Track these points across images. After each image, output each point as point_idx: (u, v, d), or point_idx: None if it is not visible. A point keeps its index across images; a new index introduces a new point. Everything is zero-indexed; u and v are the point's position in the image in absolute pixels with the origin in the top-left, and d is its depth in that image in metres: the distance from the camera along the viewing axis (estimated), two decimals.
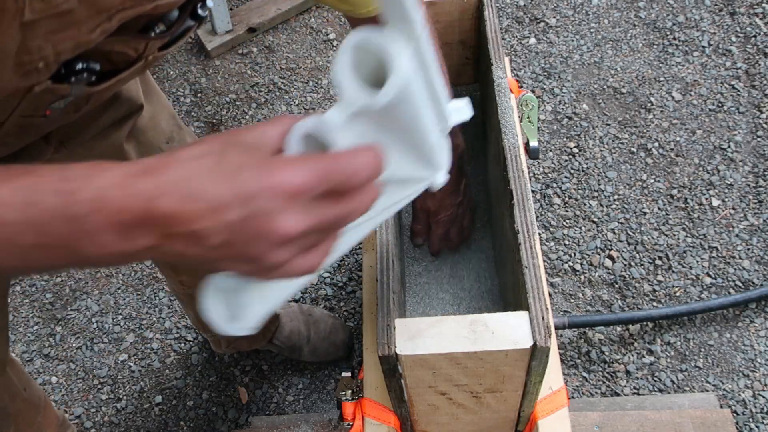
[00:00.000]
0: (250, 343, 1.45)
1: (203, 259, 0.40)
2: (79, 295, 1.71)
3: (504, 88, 0.91)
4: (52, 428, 1.14)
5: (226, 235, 0.38)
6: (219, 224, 0.38)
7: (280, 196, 0.38)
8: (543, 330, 0.71)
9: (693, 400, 1.39)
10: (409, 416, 0.87)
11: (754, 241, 1.62)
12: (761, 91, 1.84)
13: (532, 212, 0.79)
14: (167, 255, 0.40)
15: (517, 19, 2.07)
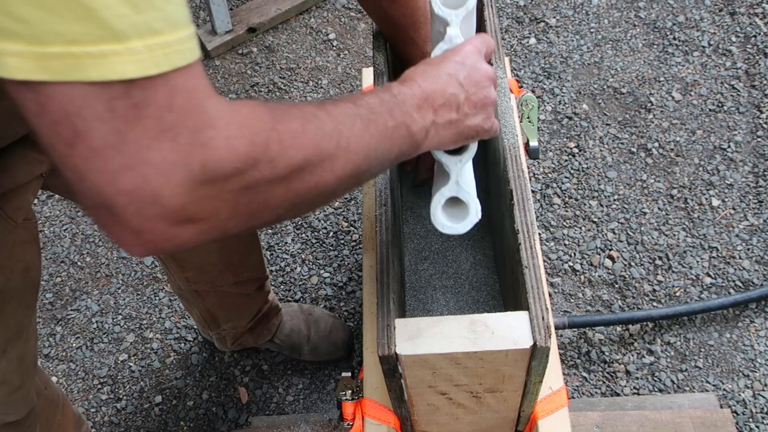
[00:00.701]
0: (255, 339, 1.45)
1: (459, 119, 0.65)
2: (79, 295, 1.71)
3: (504, 88, 0.91)
4: (70, 425, 1.14)
5: (464, 90, 0.65)
6: (457, 85, 0.65)
7: (476, 54, 0.68)
8: (543, 330, 0.71)
9: (693, 400, 1.39)
10: (409, 416, 0.87)
11: (754, 241, 1.62)
12: (761, 91, 1.84)
13: (532, 212, 0.79)
14: (442, 125, 0.64)
15: (517, 19, 2.07)
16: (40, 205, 1.85)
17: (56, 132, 0.37)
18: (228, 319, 1.37)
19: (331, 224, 1.76)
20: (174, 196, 0.40)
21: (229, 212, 0.44)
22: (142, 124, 0.38)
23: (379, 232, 0.82)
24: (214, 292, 1.27)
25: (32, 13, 0.34)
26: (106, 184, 0.38)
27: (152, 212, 0.40)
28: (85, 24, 0.35)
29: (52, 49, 0.35)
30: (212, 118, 0.41)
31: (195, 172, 0.40)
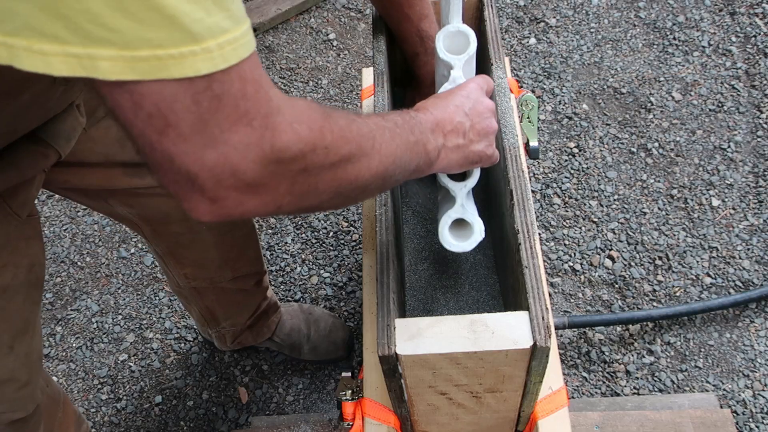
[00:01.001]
0: (255, 337, 1.46)
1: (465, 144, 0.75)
2: (79, 295, 1.71)
3: (504, 88, 0.91)
4: (71, 423, 1.15)
5: (469, 119, 0.75)
6: (463, 114, 0.75)
7: (479, 90, 0.78)
8: (543, 330, 0.71)
9: (693, 400, 1.39)
10: (409, 416, 0.87)
11: (754, 241, 1.62)
12: (761, 91, 1.84)
13: (532, 212, 0.79)
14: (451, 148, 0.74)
15: (517, 19, 2.07)
16: (40, 205, 1.85)
17: (150, 123, 0.43)
18: (227, 316, 1.37)
19: (331, 224, 1.76)
20: (248, 171, 0.48)
21: (287, 189, 0.52)
22: (222, 111, 0.45)
23: (379, 232, 0.82)
24: (212, 289, 1.27)
25: (123, 23, 0.39)
26: (192, 162, 0.45)
27: (228, 183, 0.47)
28: (168, 30, 0.40)
29: (140, 53, 0.40)
30: (277, 105, 0.49)
31: (266, 151, 0.48)
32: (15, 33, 0.40)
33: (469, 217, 0.82)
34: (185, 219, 1.08)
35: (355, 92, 1.99)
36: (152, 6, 0.39)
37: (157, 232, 1.12)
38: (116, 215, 1.09)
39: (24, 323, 0.90)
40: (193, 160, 0.45)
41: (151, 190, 1.01)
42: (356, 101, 1.97)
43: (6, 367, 0.90)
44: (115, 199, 1.03)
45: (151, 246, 1.18)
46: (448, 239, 0.82)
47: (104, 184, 0.99)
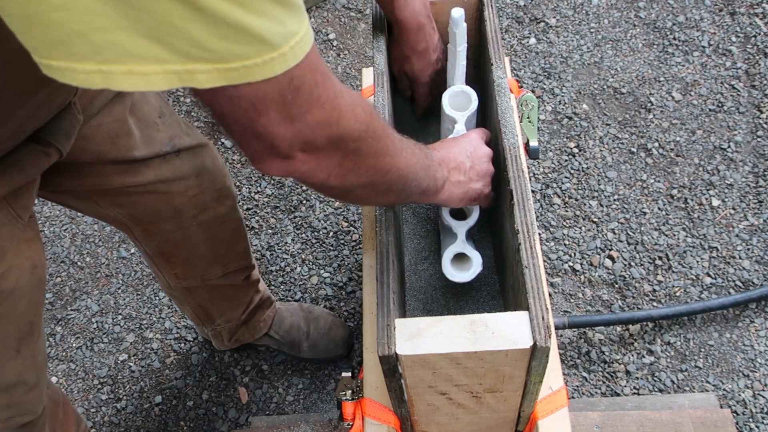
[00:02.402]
0: (252, 333, 1.46)
1: (465, 182, 0.86)
2: (79, 295, 1.71)
3: (504, 88, 0.91)
4: (72, 423, 1.15)
5: (470, 161, 0.87)
6: (466, 156, 0.87)
7: (480, 139, 0.91)
8: (543, 330, 0.71)
9: (693, 400, 1.39)
10: (409, 416, 0.87)
11: (754, 241, 1.62)
12: (761, 91, 1.84)
13: (532, 212, 0.79)
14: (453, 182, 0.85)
15: (517, 19, 2.07)
16: (40, 205, 1.85)
17: (245, 114, 0.53)
18: (221, 313, 1.37)
19: (331, 224, 1.76)
20: (316, 141, 0.59)
21: (338, 161, 0.63)
22: (301, 98, 0.55)
23: (379, 232, 0.82)
24: (203, 287, 1.27)
25: (219, 44, 0.47)
26: (277, 137, 0.57)
27: (300, 148, 0.59)
28: (254, 45, 0.48)
29: (231, 65, 0.48)
30: (340, 90, 0.59)
31: (333, 128, 0.60)
32: (113, 60, 0.46)
33: (469, 252, 0.93)
34: (175, 216, 1.09)
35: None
36: (241, 29, 0.47)
37: (147, 231, 1.12)
38: (106, 217, 1.09)
39: (29, 325, 0.90)
40: (277, 136, 0.56)
41: (142, 188, 1.01)
42: None
43: (14, 370, 0.90)
44: (105, 200, 1.03)
45: (141, 247, 1.18)
46: (450, 271, 0.93)
47: (96, 184, 0.99)
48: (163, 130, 1.01)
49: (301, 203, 1.80)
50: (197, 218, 1.11)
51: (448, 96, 0.97)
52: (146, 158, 1.00)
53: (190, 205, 1.09)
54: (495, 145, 0.93)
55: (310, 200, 1.80)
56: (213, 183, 1.11)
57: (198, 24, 0.46)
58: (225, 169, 1.16)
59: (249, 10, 0.48)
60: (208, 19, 0.46)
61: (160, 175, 1.02)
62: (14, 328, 0.87)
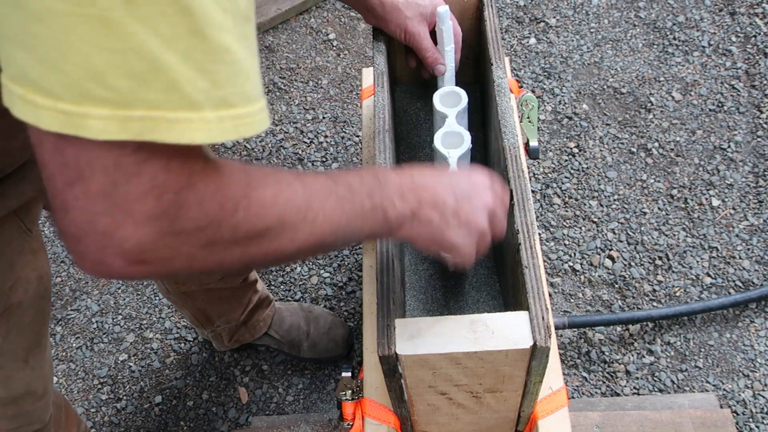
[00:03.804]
0: (251, 333, 1.46)
1: (440, 224, 0.66)
2: (79, 295, 1.71)
3: (504, 88, 0.91)
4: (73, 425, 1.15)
5: (456, 203, 0.66)
6: (450, 194, 0.66)
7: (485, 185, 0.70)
8: (543, 330, 0.71)
9: (693, 400, 1.39)
10: (409, 416, 0.87)
11: (754, 241, 1.62)
12: (761, 91, 1.84)
13: (532, 212, 0.79)
14: (421, 220, 0.64)
15: (517, 19, 2.07)
16: None
17: (61, 170, 0.42)
18: (220, 314, 1.37)
19: None
20: (138, 244, 0.44)
21: (184, 263, 0.48)
22: (138, 179, 0.42)
23: None
24: (202, 291, 1.27)
25: (124, 83, 0.39)
26: (84, 222, 0.43)
27: (113, 252, 0.44)
28: (168, 93, 0.40)
29: (135, 113, 0.39)
30: (194, 180, 0.45)
31: (164, 227, 0.45)
32: (14, 79, 0.40)
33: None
34: None
35: (355, 92, 1.99)
36: (158, 67, 0.39)
37: None
38: None
39: (37, 336, 0.90)
40: (86, 220, 0.43)
41: None
42: (356, 101, 1.97)
43: (22, 381, 0.90)
44: None
45: None
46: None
47: None
48: None
49: None
50: None
51: (438, 96, 0.96)
52: None
53: None
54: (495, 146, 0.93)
55: None
56: None
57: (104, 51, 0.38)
58: None
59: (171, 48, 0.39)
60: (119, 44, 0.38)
61: None
62: (22, 339, 0.88)
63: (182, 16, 0.39)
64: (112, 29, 0.38)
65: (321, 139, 1.90)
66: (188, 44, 0.40)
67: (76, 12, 0.37)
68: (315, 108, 1.97)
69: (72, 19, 0.37)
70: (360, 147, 1.85)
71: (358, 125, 1.92)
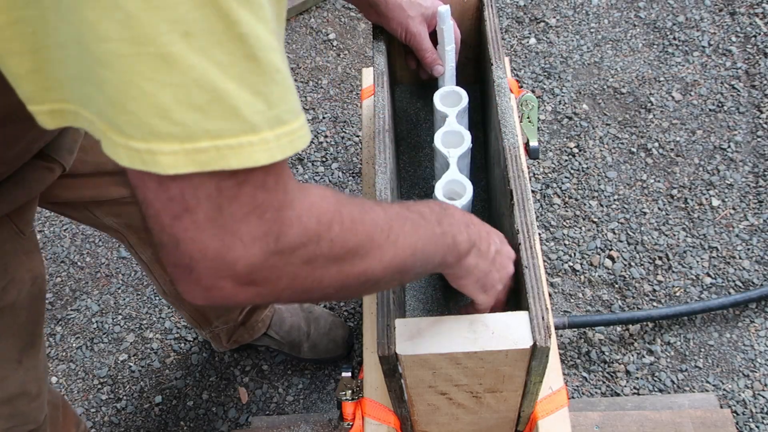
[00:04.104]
0: (250, 333, 1.46)
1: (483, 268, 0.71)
2: (79, 295, 1.71)
3: (504, 88, 0.91)
4: (71, 425, 1.15)
5: (498, 245, 0.73)
6: (492, 247, 0.72)
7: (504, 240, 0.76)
8: (543, 330, 0.71)
9: (693, 400, 1.39)
10: (409, 416, 0.87)
11: (754, 241, 1.62)
12: (761, 91, 1.84)
13: (532, 212, 0.79)
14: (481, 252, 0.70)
15: (517, 19, 2.07)
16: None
17: (167, 206, 0.43)
18: (217, 314, 1.37)
19: None
20: (248, 264, 0.46)
21: (288, 283, 0.49)
22: (239, 200, 0.44)
23: None
24: None
25: (189, 116, 0.40)
26: (196, 250, 0.44)
27: (226, 274, 0.45)
28: (230, 120, 0.41)
29: (200, 145, 0.41)
30: (291, 198, 0.47)
31: (270, 246, 0.46)
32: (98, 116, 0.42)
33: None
34: None
35: (355, 92, 1.99)
36: (219, 96, 0.40)
37: (143, 239, 1.11)
38: (102, 226, 1.09)
39: (30, 336, 0.90)
40: (198, 248, 0.44)
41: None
42: (356, 101, 1.97)
43: (16, 381, 0.90)
44: (101, 210, 1.03)
45: (136, 255, 1.17)
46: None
47: (95, 196, 0.99)
48: None
49: None
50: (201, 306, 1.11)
51: (439, 96, 0.97)
52: None
53: None
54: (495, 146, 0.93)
55: None
56: None
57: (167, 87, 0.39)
58: None
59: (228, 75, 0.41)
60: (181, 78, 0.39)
61: None
62: (16, 340, 0.88)
63: (237, 43, 0.40)
64: (173, 64, 0.39)
65: (321, 139, 1.90)
66: (244, 69, 0.41)
67: (135, 52, 0.38)
68: (315, 108, 1.97)
69: (133, 60, 0.38)
70: (360, 147, 1.85)
71: (358, 125, 1.92)
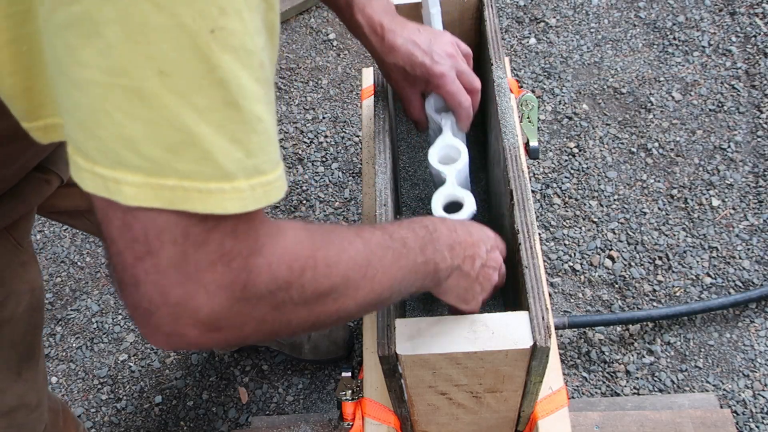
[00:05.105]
0: None
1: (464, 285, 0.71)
2: (79, 295, 1.71)
3: (504, 88, 0.91)
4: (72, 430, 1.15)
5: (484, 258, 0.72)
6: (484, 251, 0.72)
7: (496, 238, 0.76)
8: (543, 330, 0.71)
9: (693, 400, 1.39)
10: (409, 416, 0.87)
11: (754, 241, 1.62)
12: (761, 91, 1.84)
13: (532, 212, 0.79)
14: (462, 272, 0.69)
15: (517, 19, 2.07)
16: None
17: (130, 246, 0.42)
18: None
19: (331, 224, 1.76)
20: (212, 312, 0.44)
21: (254, 327, 0.48)
22: (205, 248, 0.42)
23: None
24: None
25: (157, 153, 0.39)
26: (157, 295, 0.43)
27: (188, 322, 0.44)
28: (201, 164, 0.40)
29: (167, 182, 0.40)
30: (261, 244, 0.46)
31: (236, 294, 0.45)
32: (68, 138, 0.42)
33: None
34: None
35: (355, 92, 1.99)
36: (192, 139, 0.40)
37: None
38: (97, 232, 1.09)
39: (28, 348, 0.90)
40: (159, 292, 0.43)
41: None
42: (356, 101, 1.97)
43: (15, 394, 0.90)
44: None
45: None
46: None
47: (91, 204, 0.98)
48: None
49: (300, 203, 1.80)
50: None
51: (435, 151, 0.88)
52: None
53: None
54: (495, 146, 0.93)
55: (310, 200, 1.80)
56: None
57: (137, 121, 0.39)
58: None
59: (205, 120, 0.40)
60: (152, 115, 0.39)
61: None
62: (14, 353, 0.88)
63: (217, 89, 0.40)
64: (146, 100, 0.38)
65: (321, 139, 1.90)
66: (223, 116, 0.40)
67: (110, 82, 0.38)
68: (315, 108, 1.97)
69: (106, 89, 0.38)
70: (360, 147, 1.85)
71: (358, 125, 1.92)
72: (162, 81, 0.38)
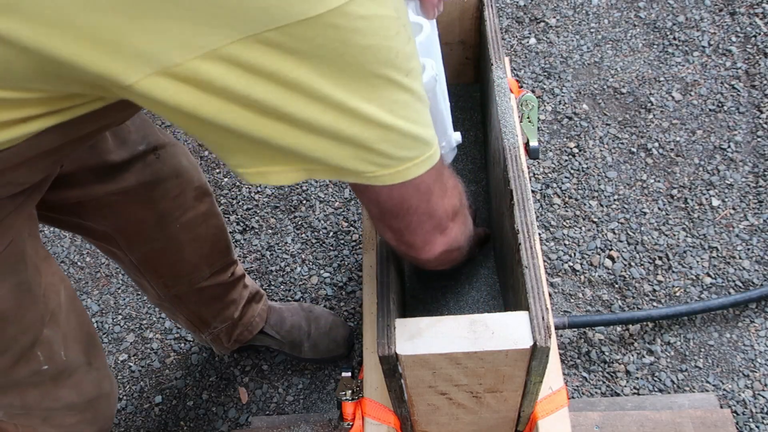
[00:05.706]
0: (250, 329, 1.46)
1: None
2: (79, 295, 1.71)
3: (504, 88, 0.91)
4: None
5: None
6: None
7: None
8: (543, 330, 0.71)
9: (693, 400, 1.39)
10: (409, 416, 0.87)
11: (754, 241, 1.62)
12: (761, 91, 1.84)
13: (532, 212, 0.79)
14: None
15: (517, 19, 2.07)
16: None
17: (424, 199, 0.65)
18: (214, 314, 1.37)
19: (331, 224, 1.76)
20: (450, 232, 0.72)
21: (459, 230, 0.75)
22: (444, 175, 0.70)
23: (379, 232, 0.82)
24: (193, 292, 1.27)
25: (395, 152, 0.58)
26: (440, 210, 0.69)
27: (451, 216, 0.71)
28: (420, 147, 0.61)
29: (406, 166, 0.60)
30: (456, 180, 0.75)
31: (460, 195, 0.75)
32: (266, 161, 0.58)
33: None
34: (159, 220, 1.09)
35: None
36: (412, 135, 0.58)
37: (132, 241, 1.11)
38: (89, 232, 1.08)
39: (87, 336, 0.92)
40: (440, 209, 0.68)
41: (124, 195, 1.01)
42: None
43: (92, 383, 0.91)
44: (88, 212, 1.03)
45: (126, 260, 1.16)
46: None
47: (81, 196, 0.99)
48: (134, 131, 1.02)
49: (301, 203, 1.80)
50: (179, 220, 1.11)
51: None
52: (125, 162, 1.00)
53: (173, 206, 1.09)
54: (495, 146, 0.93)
55: (310, 200, 1.80)
56: (191, 181, 1.11)
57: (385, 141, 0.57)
58: (198, 166, 1.17)
59: (417, 123, 0.59)
60: (391, 135, 0.56)
61: (142, 179, 1.02)
62: (77, 344, 0.89)
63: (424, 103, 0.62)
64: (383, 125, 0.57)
65: None
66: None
67: None
68: None
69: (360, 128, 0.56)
70: None
71: None
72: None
